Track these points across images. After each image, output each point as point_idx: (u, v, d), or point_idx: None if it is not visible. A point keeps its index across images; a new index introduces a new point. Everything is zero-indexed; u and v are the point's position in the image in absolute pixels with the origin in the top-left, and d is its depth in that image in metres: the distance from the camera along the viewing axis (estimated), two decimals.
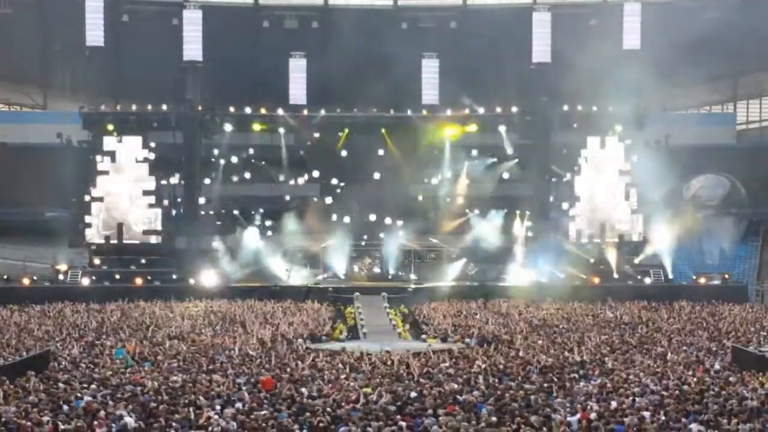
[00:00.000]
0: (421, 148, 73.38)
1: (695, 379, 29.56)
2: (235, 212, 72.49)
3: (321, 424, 22.80)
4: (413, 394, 27.11)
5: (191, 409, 24.53)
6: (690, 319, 49.87)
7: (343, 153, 73.30)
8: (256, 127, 72.69)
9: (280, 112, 72.22)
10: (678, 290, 64.03)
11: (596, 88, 65.12)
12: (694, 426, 22.21)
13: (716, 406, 24.56)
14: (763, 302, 64.52)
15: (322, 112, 72.35)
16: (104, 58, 73.44)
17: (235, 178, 72.66)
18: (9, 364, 32.67)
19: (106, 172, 69.66)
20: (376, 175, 72.88)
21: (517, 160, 72.58)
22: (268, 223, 71.90)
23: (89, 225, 69.58)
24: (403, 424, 22.73)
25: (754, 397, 26.03)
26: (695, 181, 74.82)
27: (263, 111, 72.28)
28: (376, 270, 70.61)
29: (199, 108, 70.26)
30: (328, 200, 73.05)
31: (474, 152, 73.33)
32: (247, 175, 73.17)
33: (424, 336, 46.66)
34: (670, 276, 68.94)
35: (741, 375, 30.69)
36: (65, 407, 24.94)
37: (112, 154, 69.67)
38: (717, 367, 32.92)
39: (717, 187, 74.93)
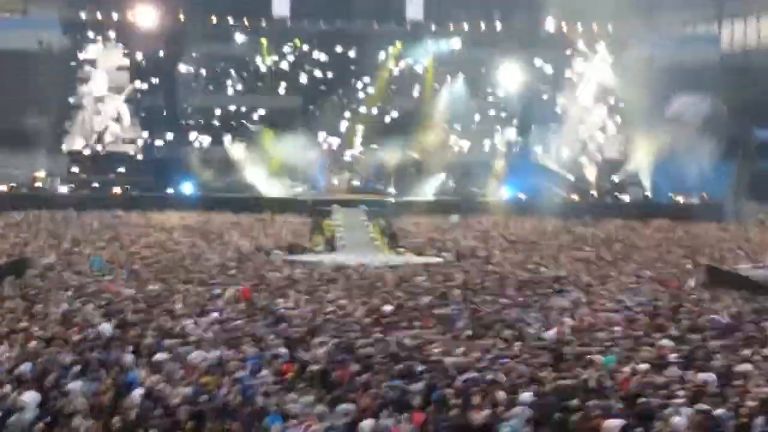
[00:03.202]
0: (404, 63, 73.00)
1: (668, 296, 29.79)
2: (215, 123, 72.18)
3: (296, 335, 22.91)
4: (389, 308, 27.23)
5: (167, 318, 24.64)
6: (666, 237, 50.16)
7: (323, 66, 72.84)
8: (239, 38, 72.13)
9: (263, 24, 71.67)
10: (656, 208, 64.29)
11: (582, 6, 64.65)
12: (665, 341, 22.41)
13: (688, 323, 24.80)
14: (740, 221, 64.76)
15: (305, 24, 71.82)
16: None
17: (215, 89, 72.25)
18: None
19: (86, 80, 69.20)
20: (357, 91, 72.53)
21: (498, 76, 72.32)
22: (247, 134, 71.60)
23: (68, 133, 69.25)
24: (378, 336, 22.86)
25: (726, 314, 26.27)
26: (678, 101, 74.64)
27: (245, 22, 71.72)
28: (356, 183, 70.53)
29: (181, 17, 69.60)
30: (308, 112, 72.71)
31: (456, 68, 72.96)
32: (228, 87, 72.76)
33: (401, 249, 46.79)
34: (649, 194, 69.17)
35: (715, 293, 30.92)
36: (42, 314, 25.02)
37: (92, 62, 69.16)
38: (691, 284, 33.15)
39: (699, 106, 74.76)
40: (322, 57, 72.86)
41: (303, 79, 73.12)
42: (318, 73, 73.12)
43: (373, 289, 30.97)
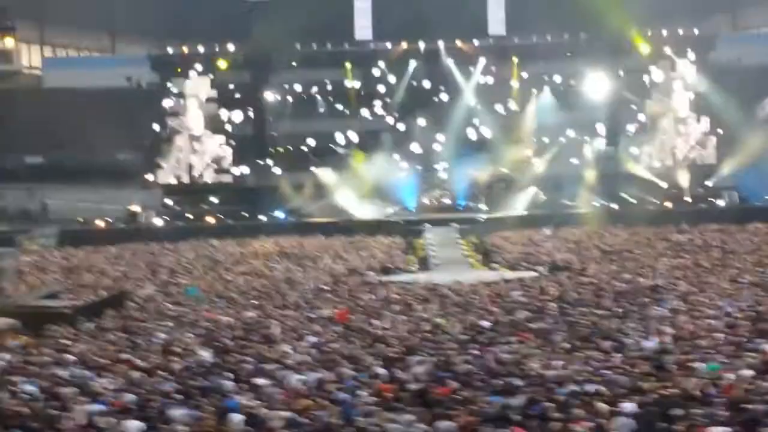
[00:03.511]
0: (490, 78, 72.83)
1: None
2: (303, 148, 72.70)
3: (393, 355, 22.93)
4: (486, 324, 27.15)
5: (265, 343, 24.84)
6: (764, 241, 49.27)
7: (410, 86, 72.95)
8: (322, 63, 72.63)
9: (346, 47, 72.19)
10: (752, 212, 63.21)
11: (665, 10, 64.06)
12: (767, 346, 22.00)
13: None
14: None
15: (388, 45, 72.16)
16: None
17: (303, 115, 72.81)
18: (87, 304, 33.26)
19: (175, 113, 70.35)
20: (445, 109, 72.55)
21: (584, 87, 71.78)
22: (336, 158, 71.98)
23: (160, 166, 70.37)
24: (477, 353, 22.79)
25: None
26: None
27: (329, 47, 72.27)
28: (446, 201, 70.49)
29: (266, 46, 70.33)
30: (396, 133, 72.87)
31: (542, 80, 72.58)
32: (316, 112, 73.29)
33: (495, 265, 46.61)
34: (744, 197, 68.09)
35: None
36: (142, 345, 25.38)
37: (181, 95, 70.30)
38: None
39: None
40: (408, 77, 72.85)
41: (390, 100, 73.24)
42: (405, 94, 73.17)
43: (468, 305, 30.90)
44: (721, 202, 67.23)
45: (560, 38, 71.18)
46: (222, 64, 70.61)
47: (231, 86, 71.48)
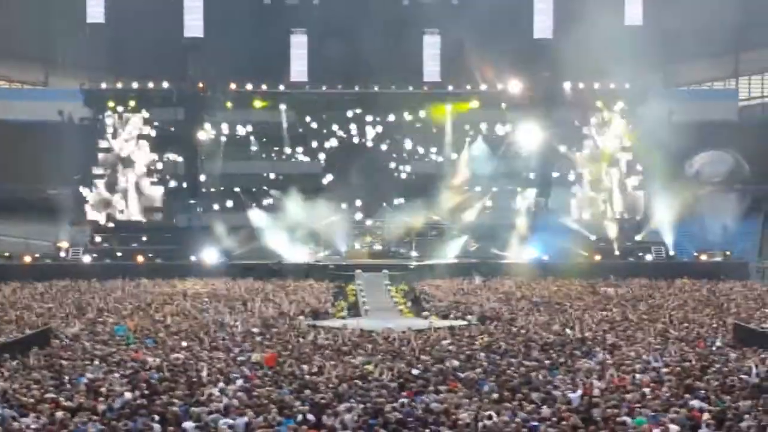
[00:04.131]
0: (423, 124, 73.20)
1: (696, 356, 29.53)
2: (236, 189, 72.46)
3: (323, 401, 22.81)
4: (415, 371, 27.12)
5: (193, 385, 24.59)
6: (691, 296, 49.88)
7: (344, 129, 73.05)
8: (257, 104, 72.54)
9: (281, 88, 72.18)
10: (679, 267, 64.05)
11: (598, 63, 64.93)
12: (695, 402, 22.21)
13: (717, 383, 24.57)
14: (765, 279, 64.40)
15: (323, 88, 72.29)
16: (105, 34, 73.42)
17: (235, 155, 72.66)
18: (11, 341, 32.72)
19: (107, 149, 69.83)
20: (378, 154, 72.88)
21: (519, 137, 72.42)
22: (268, 200, 71.84)
23: (90, 202, 69.71)
24: (405, 400, 22.73)
25: (754, 374, 26.03)
26: (698, 158, 74.52)
27: (264, 88, 72.20)
28: (377, 247, 70.62)
29: (201, 85, 70.11)
30: (329, 177, 72.93)
31: (475, 129, 73.03)
32: (248, 153, 73.15)
33: (425, 313, 46.61)
34: (672, 253, 68.92)
35: (742, 352, 30.65)
36: (68, 384, 25.01)
37: (113, 132, 69.83)
38: (718, 343, 32.89)
39: (720, 163, 74.61)
40: (341, 121, 72.97)
41: (323, 143, 73.27)
42: (338, 138, 73.27)
43: (398, 353, 30.86)
44: (649, 257, 67.93)
45: (493, 87, 71.75)
46: (156, 101, 70.16)
47: (164, 124, 71.06)
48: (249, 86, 72.07)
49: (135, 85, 71.02)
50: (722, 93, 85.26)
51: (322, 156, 73.55)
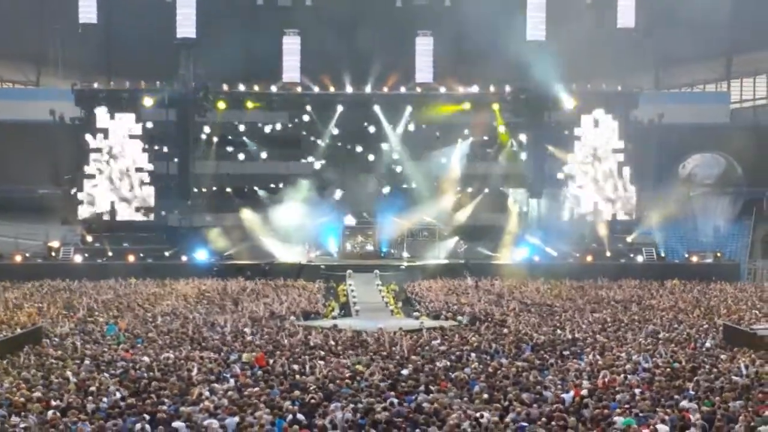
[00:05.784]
0: (415, 126, 73.14)
1: (686, 357, 29.58)
2: (228, 190, 72.37)
3: (313, 401, 22.81)
4: (405, 372, 27.13)
5: (183, 385, 24.57)
6: (682, 297, 49.95)
7: (336, 131, 72.98)
8: (249, 104, 72.40)
9: (274, 89, 72.08)
10: (670, 268, 64.12)
11: (590, 66, 64.95)
12: (684, 403, 22.25)
13: (707, 384, 24.61)
14: (755, 281, 64.55)
15: (316, 89, 72.20)
16: (97, 35, 73.25)
17: (227, 156, 72.60)
18: (1, 340, 32.67)
19: (98, 149, 69.72)
20: (370, 156, 72.91)
21: (510, 139, 72.44)
22: (260, 201, 71.71)
23: (82, 202, 69.62)
24: (395, 400, 22.74)
25: (744, 374, 26.08)
26: (691, 160, 74.67)
27: (256, 89, 72.09)
28: (369, 248, 70.67)
29: (193, 85, 69.96)
30: (321, 178, 72.79)
31: (467, 131, 73.00)
32: (241, 153, 73.07)
33: (416, 313, 46.64)
34: (663, 254, 69.01)
35: (732, 353, 30.71)
36: (57, 383, 24.98)
37: (104, 131, 69.71)
38: (708, 344, 32.96)
39: (713, 166, 74.76)
40: (334, 122, 72.86)
41: (316, 144, 73.16)
42: (329, 139, 73.14)
43: (388, 353, 30.86)
44: (640, 258, 67.99)
45: (485, 89, 71.72)
46: (147, 101, 69.94)
47: (156, 124, 70.88)
48: (241, 87, 71.98)
49: (127, 85, 70.93)
50: (714, 96, 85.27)
51: (313, 157, 73.38)
